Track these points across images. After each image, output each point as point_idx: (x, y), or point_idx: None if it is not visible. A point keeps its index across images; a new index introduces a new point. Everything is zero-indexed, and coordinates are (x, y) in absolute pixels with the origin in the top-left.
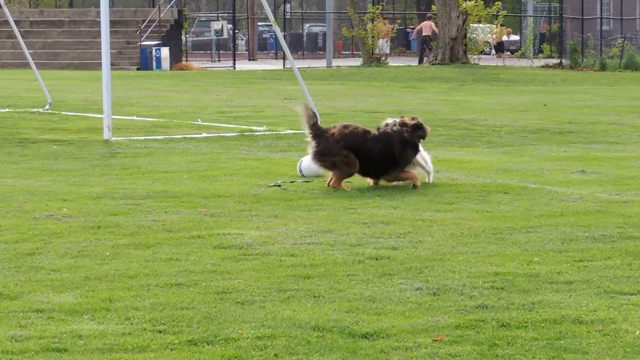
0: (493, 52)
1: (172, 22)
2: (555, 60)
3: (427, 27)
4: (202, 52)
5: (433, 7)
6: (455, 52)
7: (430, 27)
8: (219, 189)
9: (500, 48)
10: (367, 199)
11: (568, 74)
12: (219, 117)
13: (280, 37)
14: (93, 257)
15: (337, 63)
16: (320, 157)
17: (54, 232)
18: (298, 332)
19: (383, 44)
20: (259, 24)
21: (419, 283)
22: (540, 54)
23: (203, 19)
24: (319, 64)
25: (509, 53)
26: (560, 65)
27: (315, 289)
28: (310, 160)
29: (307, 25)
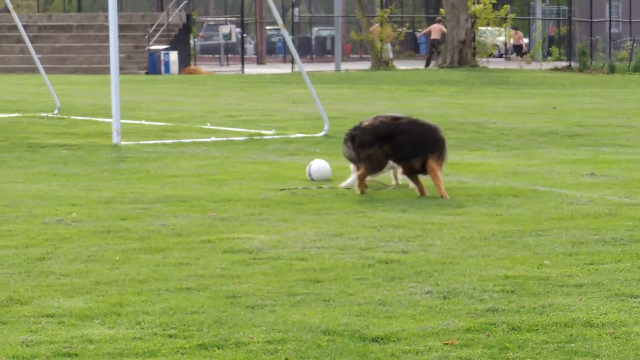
0: (513, 55)
1: (180, 26)
2: (564, 63)
3: (436, 30)
4: (210, 56)
5: (441, 10)
6: (464, 55)
7: (440, 29)
8: (228, 193)
9: (519, 50)
10: (376, 203)
11: (577, 77)
12: (228, 121)
13: (289, 40)
14: (103, 261)
15: (345, 66)
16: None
17: (64, 236)
18: (308, 336)
19: (387, 48)
20: (268, 28)
21: (429, 286)
22: (549, 57)
23: (211, 23)
24: (328, 68)
25: (519, 57)
26: (569, 68)
27: (326, 293)
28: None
29: (315, 29)
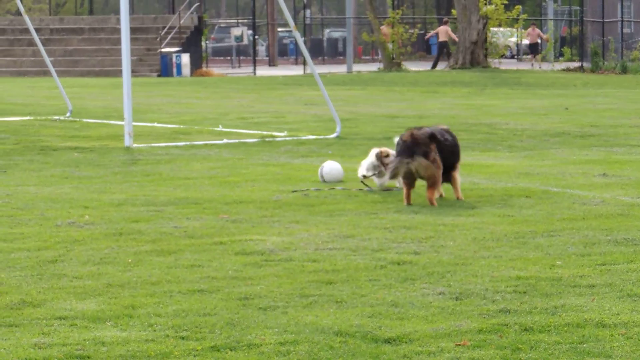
0: (529, 56)
1: (192, 28)
2: (576, 64)
3: (443, 32)
4: (222, 58)
5: (453, 11)
6: (476, 56)
7: (446, 32)
8: (241, 195)
9: (535, 50)
10: (388, 204)
11: (589, 78)
12: (240, 123)
13: (301, 42)
14: (115, 264)
15: (357, 68)
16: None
17: (76, 239)
18: (321, 337)
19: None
20: (279, 30)
21: (442, 288)
22: (561, 58)
23: (223, 25)
24: (340, 69)
25: (529, 57)
26: (581, 69)
27: (338, 294)
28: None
29: (327, 31)
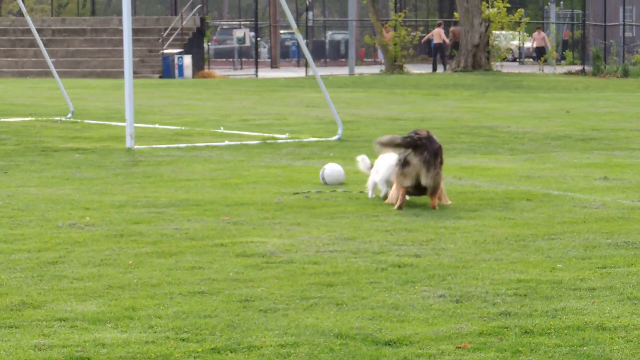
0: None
1: (194, 30)
2: (578, 67)
3: (437, 35)
4: (224, 60)
5: (455, 14)
6: (478, 59)
7: (440, 34)
8: (242, 197)
9: (541, 54)
10: (389, 207)
11: (591, 81)
12: (242, 125)
13: (303, 44)
14: (116, 265)
15: (359, 70)
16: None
17: (77, 240)
18: (321, 339)
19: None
20: (281, 32)
21: (442, 290)
22: (563, 61)
23: (225, 27)
24: (342, 72)
25: (532, 60)
26: (583, 72)
27: (339, 297)
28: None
29: (329, 33)
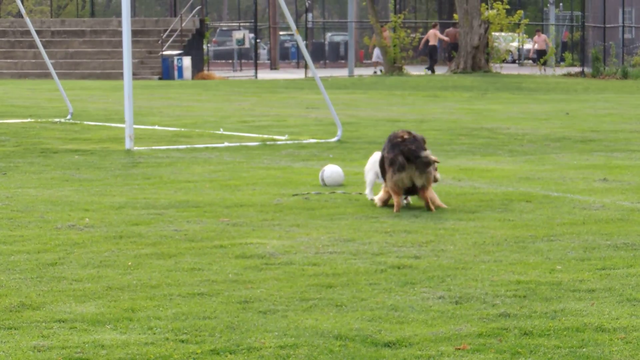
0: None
1: (193, 31)
2: (577, 69)
3: (432, 36)
4: (223, 61)
5: (455, 15)
6: (477, 60)
7: (435, 35)
8: (241, 199)
9: (542, 55)
10: (389, 208)
11: (590, 83)
12: (241, 126)
13: (302, 46)
14: (115, 267)
15: (358, 72)
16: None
17: (76, 242)
18: (321, 341)
19: (379, 53)
20: (281, 33)
21: (441, 292)
22: (562, 63)
23: (225, 29)
24: (341, 73)
25: (531, 61)
26: (582, 74)
27: (338, 298)
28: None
29: (328, 34)
